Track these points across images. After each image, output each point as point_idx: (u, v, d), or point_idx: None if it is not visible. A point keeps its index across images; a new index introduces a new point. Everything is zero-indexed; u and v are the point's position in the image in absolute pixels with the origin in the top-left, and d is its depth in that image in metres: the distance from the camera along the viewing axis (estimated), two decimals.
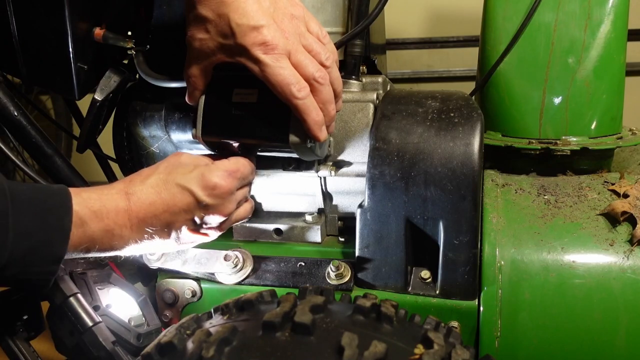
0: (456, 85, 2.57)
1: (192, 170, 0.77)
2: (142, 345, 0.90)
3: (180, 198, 0.75)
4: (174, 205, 0.75)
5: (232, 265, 0.93)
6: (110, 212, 0.71)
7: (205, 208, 0.76)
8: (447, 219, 0.85)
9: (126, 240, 0.73)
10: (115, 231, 0.71)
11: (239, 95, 0.80)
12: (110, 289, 0.95)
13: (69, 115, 2.42)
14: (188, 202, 0.75)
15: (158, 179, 0.76)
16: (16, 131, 0.94)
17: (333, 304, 0.67)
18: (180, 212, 0.75)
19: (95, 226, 0.69)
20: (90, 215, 0.68)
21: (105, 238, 0.70)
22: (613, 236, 0.87)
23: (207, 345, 0.57)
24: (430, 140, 0.87)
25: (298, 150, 0.81)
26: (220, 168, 0.78)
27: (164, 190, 0.75)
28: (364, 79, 1.00)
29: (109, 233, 0.71)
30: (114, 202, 0.72)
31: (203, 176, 0.76)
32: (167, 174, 0.76)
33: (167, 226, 0.75)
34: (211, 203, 0.76)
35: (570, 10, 1.04)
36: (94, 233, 0.69)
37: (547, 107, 1.07)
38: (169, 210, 0.74)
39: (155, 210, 0.74)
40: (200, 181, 0.76)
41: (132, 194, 0.74)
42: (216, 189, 0.76)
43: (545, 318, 0.84)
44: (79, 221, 0.67)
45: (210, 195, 0.76)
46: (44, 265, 0.64)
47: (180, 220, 0.76)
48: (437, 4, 2.55)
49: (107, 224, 0.70)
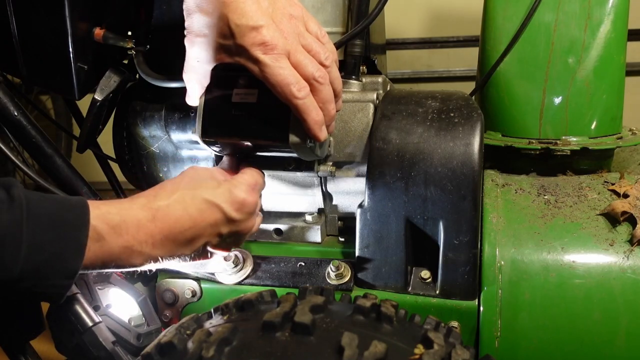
0: (456, 85, 2.57)
1: (217, 186, 0.76)
2: (142, 345, 0.90)
3: (208, 214, 0.74)
4: (202, 221, 0.73)
5: (232, 265, 0.93)
6: (130, 228, 0.68)
7: (232, 223, 0.76)
8: (447, 219, 0.85)
9: (146, 257, 0.70)
10: (135, 248, 0.68)
11: (238, 95, 0.80)
12: (110, 289, 0.95)
13: (69, 115, 2.41)
14: (216, 217, 0.74)
15: (184, 194, 0.74)
16: (16, 131, 0.94)
17: (333, 304, 0.67)
18: (206, 228, 0.74)
19: (114, 242, 0.66)
20: (108, 230, 0.66)
21: (123, 254, 0.68)
22: (613, 236, 0.87)
23: (207, 345, 0.57)
24: (430, 140, 0.87)
25: (298, 151, 0.81)
26: (244, 183, 0.78)
27: (191, 206, 0.73)
28: (364, 79, 1.00)
29: (128, 250, 0.68)
30: (135, 217, 0.69)
31: (231, 192, 0.76)
32: (193, 190, 0.75)
33: (190, 242, 0.74)
34: (238, 218, 0.76)
35: (570, 10, 1.04)
36: (111, 249, 0.66)
37: (547, 107, 1.07)
38: (196, 226, 0.73)
39: (182, 226, 0.72)
40: (229, 197, 0.75)
41: (157, 209, 0.71)
42: (245, 205, 0.76)
43: (545, 318, 0.84)
44: (96, 236, 0.64)
45: (238, 210, 0.76)
46: (57, 279, 0.62)
47: (205, 236, 0.75)
48: (437, 4, 2.55)
49: (126, 239, 0.67)
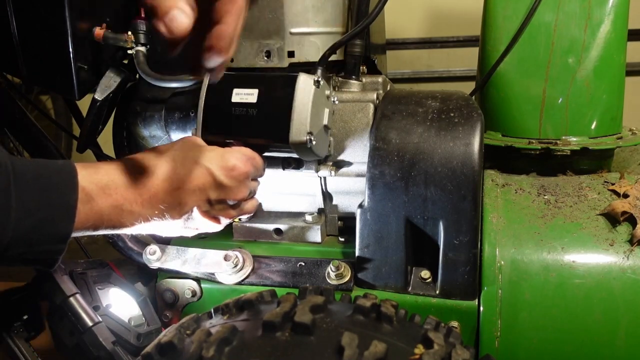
0: (456, 85, 2.57)
1: (211, 150, 0.76)
2: (142, 345, 0.90)
3: (197, 175, 0.73)
4: (189, 183, 0.73)
5: (232, 265, 0.93)
6: (119, 187, 0.67)
7: (221, 188, 0.76)
8: (447, 219, 0.85)
9: (136, 216, 0.70)
10: (124, 207, 0.68)
11: (238, 95, 0.80)
12: (110, 289, 0.95)
13: (69, 115, 2.41)
14: (205, 180, 0.74)
15: (175, 154, 0.73)
16: (16, 131, 0.94)
17: (333, 304, 0.67)
18: (195, 190, 0.74)
19: (103, 202, 0.66)
20: (97, 190, 0.65)
21: (113, 214, 0.67)
22: (613, 236, 0.87)
23: (207, 345, 0.57)
24: (430, 140, 0.87)
25: (298, 150, 0.81)
26: (239, 151, 0.78)
27: (180, 167, 0.72)
28: (364, 79, 1.00)
29: (117, 209, 0.67)
30: (124, 175, 0.68)
31: (222, 156, 0.76)
32: (185, 151, 0.74)
33: (179, 204, 0.73)
34: (227, 184, 0.76)
35: (570, 10, 1.04)
36: (101, 209, 0.66)
37: (547, 107, 1.07)
38: (184, 187, 0.72)
39: (170, 186, 0.71)
40: (220, 161, 0.75)
41: (145, 168, 0.71)
42: (234, 170, 0.76)
43: (545, 318, 0.84)
44: (85, 197, 0.64)
45: (228, 175, 0.76)
46: (49, 244, 0.61)
47: (193, 199, 0.74)
48: (437, 4, 2.55)
49: (115, 199, 0.67)
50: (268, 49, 0.93)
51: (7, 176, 0.58)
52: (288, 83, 0.80)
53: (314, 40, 0.94)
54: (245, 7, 0.66)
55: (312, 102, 0.79)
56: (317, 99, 0.80)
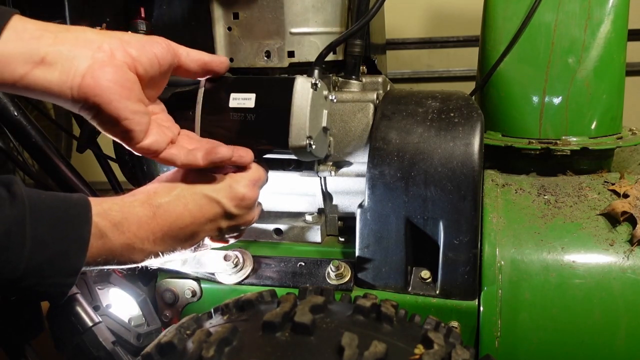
0: (456, 85, 2.57)
1: (218, 181, 0.76)
2: (142, 345, 0.90)
3: (208, 209, 0.74)
4: (201, 217, 0.73)
5: (232, 265, 0.93)
6: (132, 225, 0.68)
7: (231, 218, 0.76)
8: (447, 219, 0.85)
9: (147, 253, 0.70)
10: (136, 245, 0.68)
11: (236, 100, 0.80)
12: (110, 289, 0.95)
13: (69, 115, 2.41)
14: (215, 212, 0.74)
15: (184, 189, 0.74)
16: (16, 131, 0.94)
17: (333, 304, 0.67)
18: (206, 223, 0.74)
19: (116, 239, 0.66)
20: (110, 227, 0.65)
21: (125, 251, 0.68)
22: (613, 236, 0.87)
23: (207, 345, 0.57)
24: (430, 140, 0.87)
25: (298, 154, 0.81)
26: (245, 178, 0.78)
27: (191, 202, 0.73)
28: (364, 79, 1.00)
29: (129, 247, 0.68)
30: (136, 214, 0.68)
31: (231, 187, 0.76)
32: (193, 185, 0.75)
33: (191, 237, 0.74)
34: (238, 213, 0.76)
35: (570, 10, 1.04)
36: (113, 246, 0.66)
37: (547, 107, 1.07)
38: (196, 222, 0.73)
39: (182, 222, 0.72)
40: (229, 192, 0.75)
41: (157, 206, 0.70)
42: (244, 200, 0.76)
43: (545, 318, 0.84)
44: (98, 233, 0.64)
45: (238, 206, 0.76)
46: (60, 277, 0.61)
47: (205, 231, 0.75)
48: (437, 4, 2.55)
49: (128, 237, 0.67)
50: (268, 49, 0.93)
51: (23, 209, 0.58)
52: (285, 87, 0.79)
53: (314, 40, 0.94)
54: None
55: (311, 106, 0.78)
56: (315, 102, 0.80)
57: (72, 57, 0.64)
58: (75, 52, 0.65)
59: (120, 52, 0.67)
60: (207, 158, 0.73)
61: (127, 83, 0.67)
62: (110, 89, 0.65)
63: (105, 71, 0.65)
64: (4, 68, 0.61)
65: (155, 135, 0.71)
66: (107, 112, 0.66)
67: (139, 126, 0.69)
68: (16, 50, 0.62)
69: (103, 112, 0.66)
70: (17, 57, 0.62)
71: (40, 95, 0.64)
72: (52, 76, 0.63)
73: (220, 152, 0.73)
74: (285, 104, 0.78)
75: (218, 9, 0.92)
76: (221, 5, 0.92)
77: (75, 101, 0.65)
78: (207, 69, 0.78)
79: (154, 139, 0.71)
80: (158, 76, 0.72)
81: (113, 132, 0.69)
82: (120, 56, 0.67)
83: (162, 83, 0.75)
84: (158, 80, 0.73)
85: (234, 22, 0.93)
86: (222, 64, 0.79)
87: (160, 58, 0.71)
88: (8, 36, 0.61)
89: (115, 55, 0.67)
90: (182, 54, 0.75)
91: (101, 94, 0.65)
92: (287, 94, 0.79)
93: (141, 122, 0.69)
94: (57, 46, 0.64)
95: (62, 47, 0.64)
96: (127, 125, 0.67)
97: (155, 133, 0.71)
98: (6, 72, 0.61)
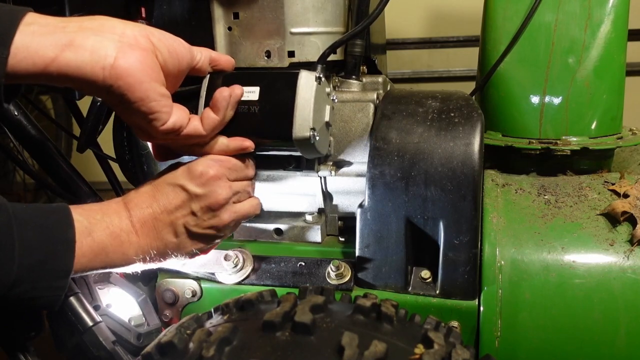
0: (456, 85, 2.57)
1: (181, 167, 0.79)
2: (142, 345, 0.90)
3: (173, 195, 0.76)
4: (169, 204, 0.76)
5: (232, 265, 0.93)
6: (113, 220, 0.72)
7: (198, 198, 0.77)
8: (447, 218, 0.85)
9: (135, 246, 0.73)
10: (122, 237, 0.72)
11: None
12: (110, 289, 0.96)
13: (69, 115, 2.42)
14: (181, 197, 0.77)
15: (150, 184, 0.78)
16: (16, 131, 0.94)
17: (333, 304, 0.67)
18: (177, 209, 0.76)
19: (102, 233, 0.69)
20: (94, 222, 0.69)
21: (115, 244, 0.71)
22: (613, 236, 0.87)
23: (207, 345, 0.57)
24: (430, 140, 0.87)
25: (301, 146, 0.81)
26: (206, 158, 0.79)
27: (157, 192, 0.77)
28: (364, 79, 1.00)
29: (117, 239, 0.71)
30: (114, 211, 0.73)
31: (189, 168, 0.78)
32: (158, 178, 0.79)
33: (169, 226, 0.76)
34: (202, 192, 0.77)
35: (570, 10, 1.04)
36: (102, 240, 0.69)
37: (547, 107, 1.07)
38: (166, 209, 0.76)
39: (154, 212, 0.75)
40: (187, 173, 0.77)
41: (129, 201, 0.75)
42: (203, 176, 0.77)
43: (545, 318, 0.84)
44: (85, 230, 0.67)
45: (199, 184, 0.77)
46: (52, 280, 0.63)
47: (179, 217, 0.76)
48: (437, 4, 2.55)
49: (112, 230, 0.71)
50: (268, 48, 0.93)
51: (8, 215, 0.60)
52: (289, 80, 0.80)
53: (315, 40, 0.94)
54: None
55: (315, 98, 0.79)
56: (318, 95, 0.80)
57: (100, 40, 0.66)
58: (102, 36, 0.66)
59: (144, 39, 0.69)
60: (220, 110, 0.76)
61: (155, 67, 0.69)
62: (142, 71, 0.67)
63: (136, 54, 0.67)
64: (34, 55, 0.62)
65: (176, 115, 0.73)
66: (137, 93, 0.67)
67: (165, 108, 0.71)
68: (43, 38, 0.63)
69: (134, 93, 0.67)
70: (45, 43, 0.63)
71: (71, 79, 0.65)
72: (84, 57, 0.64)
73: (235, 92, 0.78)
74: (289, 96, 0.79)
75: (218, 8, 0.92)
76: (221, 5, 0.92)
77: (106, 82, 0.66)
78: (215, 65, 0.81)
79: (176, 117, 0.73)
80: (175, 72, 0.74)
81: (137, 115, 0.70)
82: (144, 42, 0.69)
83: (177, 82, 0.76)
84: (174, 76, 0.74)
85: (234, 22, 0.93)
86: (229, 62, 0.82)
87: (179, 54, 0.73)
88: (32, 28, 0.63)
89: (139, 41, 0.68)
90: (197, 55, 0.77)
91: (134, 75, 0.66)
92: (291, 87, 0.79)
93: (167, 104, 0.71)
94: (83, 32, 0.66)
95: (89, 32, 0.66)
96: (154, 107, 0.69)
97: (176, 112, 0.73)
98: (37, 57, 0.63)
